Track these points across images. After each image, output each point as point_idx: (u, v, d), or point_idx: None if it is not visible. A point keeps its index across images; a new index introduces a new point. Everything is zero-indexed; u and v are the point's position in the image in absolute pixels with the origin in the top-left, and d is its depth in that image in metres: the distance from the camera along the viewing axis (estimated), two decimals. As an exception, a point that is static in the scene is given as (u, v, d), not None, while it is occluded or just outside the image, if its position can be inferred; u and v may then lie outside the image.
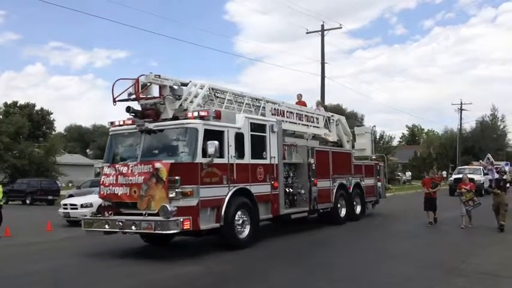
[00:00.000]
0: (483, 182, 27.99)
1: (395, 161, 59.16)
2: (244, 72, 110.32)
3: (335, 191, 15.06)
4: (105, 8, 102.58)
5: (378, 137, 51.05)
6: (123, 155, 10.92)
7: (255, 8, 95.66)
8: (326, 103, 35.17)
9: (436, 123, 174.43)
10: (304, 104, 16.35)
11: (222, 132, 10.50)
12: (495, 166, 28.24)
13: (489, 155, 27.77)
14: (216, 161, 10.12)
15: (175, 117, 10.48)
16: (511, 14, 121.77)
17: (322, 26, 30.67)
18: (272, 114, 13.41)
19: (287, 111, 14.27)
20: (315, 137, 15.93)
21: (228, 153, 10.58)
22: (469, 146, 63.58)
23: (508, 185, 14.43)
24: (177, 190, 9.53)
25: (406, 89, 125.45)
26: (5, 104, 49.67)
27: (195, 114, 10.09)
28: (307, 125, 15.34)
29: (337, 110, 67.22)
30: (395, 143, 62.89)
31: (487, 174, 29.90)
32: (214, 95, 11.78)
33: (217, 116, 10.38)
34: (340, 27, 30.88)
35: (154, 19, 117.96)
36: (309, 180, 13.73)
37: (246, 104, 12.68)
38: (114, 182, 10.24)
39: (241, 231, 10.80)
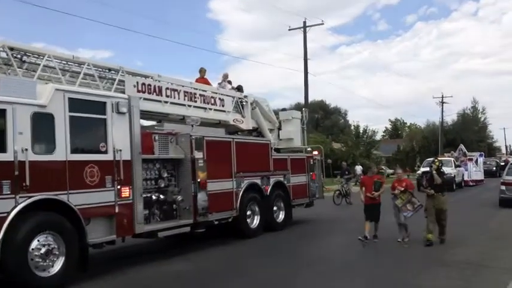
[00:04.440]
0: (454, 176, 24.62)
1: (379, 155, 57.02)
2: (229, 70, 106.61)
3: (241, 194, 11.20)
4: (86, 7, 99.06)
5: (361, 131, 49.02)
6: None
7: (238, 6, 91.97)
8: (310, 99, 34.86)
9: (418, 117, 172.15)
10: (206, 82, 12.51)
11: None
12: (462, 159, 24.63)
13: (462, 146, 24.31)
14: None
15: None
16: (491, 8, 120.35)
17: (304, 22, 31.52)
18: (139, 92, 9.57)
19: (167, 89, 10.39)
20: (219, 124, 12.12)
21: (14, 145, 6.67)
22: (451, 139, 61.38)
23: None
24: None
25: (389, 83, 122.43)
26: None
27: None
28: (205, 108, 11.48)
29: (321, 105, 64.52)
30: (378, 137, 61.12)
31: (459, 166, 26.85)
32: (20, 59, 7.85)
33: (-14, 85, 6.45)
34: (322, 24, 32.09)
35: (137, 19, 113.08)
36: (194, 182, 9.88)
37: (87, 74, 8.77)
38: None
39: (44, 267, 6.88)
